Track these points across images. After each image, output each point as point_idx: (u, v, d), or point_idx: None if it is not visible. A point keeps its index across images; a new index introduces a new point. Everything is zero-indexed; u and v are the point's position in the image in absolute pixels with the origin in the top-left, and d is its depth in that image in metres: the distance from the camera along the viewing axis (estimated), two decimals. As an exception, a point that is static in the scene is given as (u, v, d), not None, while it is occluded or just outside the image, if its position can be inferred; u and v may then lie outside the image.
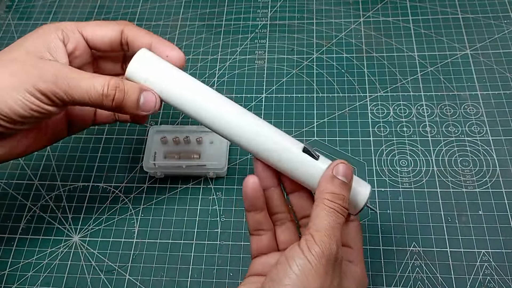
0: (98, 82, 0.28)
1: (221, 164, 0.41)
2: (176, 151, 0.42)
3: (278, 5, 0.55)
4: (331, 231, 0.25)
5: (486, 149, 0.42)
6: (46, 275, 0.39)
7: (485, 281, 0.36)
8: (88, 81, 0.28)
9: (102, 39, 0.31)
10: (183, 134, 0.42)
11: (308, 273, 0.24)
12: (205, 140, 0.42)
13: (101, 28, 0.31)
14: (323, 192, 0.27)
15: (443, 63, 0.48)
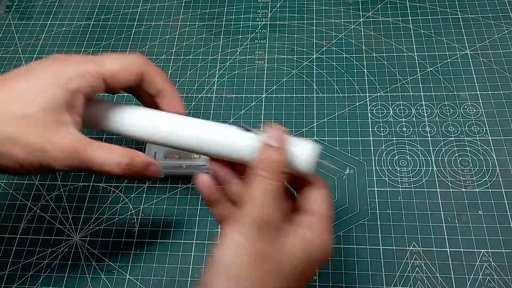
0: (110, 162, 0.29)
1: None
2: (176, 151, 0.42)
3: (278, 5, 0.55)
4: (261, 199, 0.25)
5: (485, 149, 0.42)
6: (47, 275, 0.39)
7: (484, 281, 0.36)
8: (98, 165, 0.29)
9: (122, 84, 0.31)
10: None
11: (239, 243, 0.24)
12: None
13: (124, 72, 0.31)
14: (254, 162, 0.27)
15: (443, 63, 0.48)
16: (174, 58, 0.51)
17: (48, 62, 0.29)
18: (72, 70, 0.29)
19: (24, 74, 0.29)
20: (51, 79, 0.28)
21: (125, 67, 0.31)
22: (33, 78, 0.28)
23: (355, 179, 0.41)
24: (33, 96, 0.28)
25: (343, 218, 0.39)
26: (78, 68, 0.29)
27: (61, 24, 0.56)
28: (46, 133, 0.28)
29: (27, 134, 0.27)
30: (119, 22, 0.56)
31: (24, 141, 0.27)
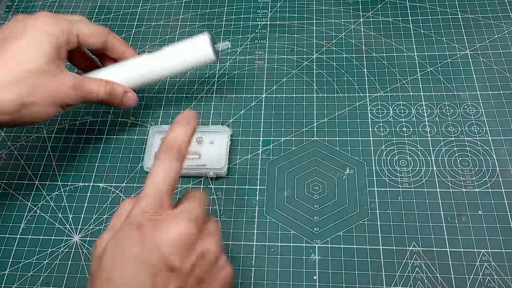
0: (102, 91, 0.39)
1: (221, 164, 0.41)
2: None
3: (278, 5, 0.55)
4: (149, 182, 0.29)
5: (485, 149, 0.42)
6: (47, 275, 0.39)
7: (485, 281, 0.36)
8: (95, 93, 0.39)
9: (89, 45, 0.40)
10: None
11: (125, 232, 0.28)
12: (205, 140, 0.42)
13: (92, 37, 0.39)
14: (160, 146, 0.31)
15: (443, 63, 0.48)
16: (174, 58, 0.51)
17: (38, 21, 0.36)
18: (58, 29, 0.37)
19: (18, 35, 0.35)
20: (42, 38, 0.36)
21: (94, 32, 0.39)
22: (29, 39, 0.35)
23: (355, 179, 0.41)
24: (35, 53, 0.35)
25: (343, 218, 0.39)
26: (60, 26, 0.37)
27: (61, 24, 0.56)
28: (56, 78, 0.36)
29: (43, 83, 0.35)
30: (119, 22, 0.56)
31: (43, 88, 0.35)
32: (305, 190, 0.41)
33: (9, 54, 0.34)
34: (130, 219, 0.28)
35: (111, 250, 0.27)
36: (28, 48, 0.35)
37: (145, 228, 0.27)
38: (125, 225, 0.28)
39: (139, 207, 0.28)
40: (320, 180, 0.42)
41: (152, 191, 0.29)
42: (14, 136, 0.47)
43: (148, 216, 0.28)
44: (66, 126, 0.47)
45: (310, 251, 0.38)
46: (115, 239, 0.27)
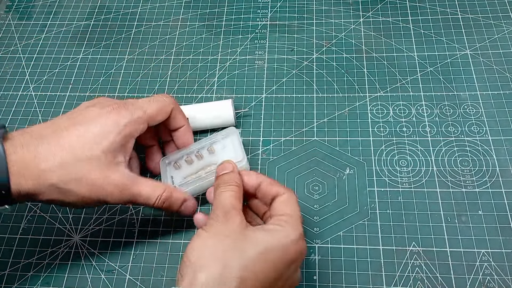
0: (151, 199, 0.35)
1: (239, 158, 0.40)
2: (194, 170, 0.41)
3: (278, 5, 0.55)
4: (218, 204, 0.31)
5: (485, 149, 0.42)
6: (47, 275, 0.39)
7: (485, 281, 0.36)
8: (144, 198, 0.35)
9: (157, 122, 0.38)
10: (193, 151, 0.41)
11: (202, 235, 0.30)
12: (217, 148, 0.41)
13: (160, 114, 0.37)
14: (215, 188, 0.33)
15: (443, 63, 0.48)
16: (174, 58, 0.51)
17: (113, 112, 0.35)
18: (126, 118, 0.35)
19: (87, 121, 0.34)
20: (110, 127, 0.34)
21: (160, 110, 0.37)
22: (96, 125, 0.34)
23: (355, 179, 0.41)
24: (96, 141, 0.33)
25: (343, 218, 0.39)
26: (130, 117, 0.35)
27: (61, 24, 0.56)
28: (105, 172, 0.33)
29: (91, 174, 0.33)
30: (119, 22, 0.56)
31: (88, 180, 0.33)
32: (305, 190, 0.41)
33: (72, 137, 0.33)
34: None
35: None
36: (93, 135, 0.33)
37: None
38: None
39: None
40: (320, 180, 0.42)
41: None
42: (14, 136, 0.47)
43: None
44: (66, 126, 0.47)
45: (310, 251, 0.38)
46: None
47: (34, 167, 0.31)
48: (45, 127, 0.34)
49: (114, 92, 0.49)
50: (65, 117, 0.35)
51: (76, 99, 0.49)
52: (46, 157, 0.32)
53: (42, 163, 0.31)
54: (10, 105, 0.49)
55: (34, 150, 0.32)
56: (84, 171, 0.32)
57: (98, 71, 0.51)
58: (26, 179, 0.31)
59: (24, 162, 0.31)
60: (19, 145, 0.32)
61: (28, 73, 0.52)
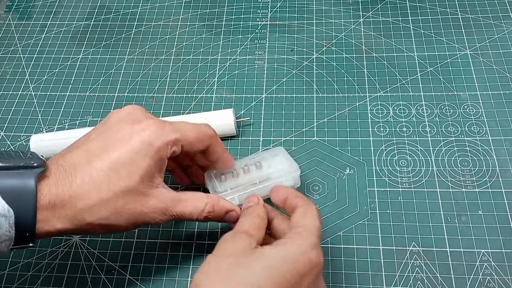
0: (194, 215, 0.33)
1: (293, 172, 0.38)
2: (240, 183, 0.39)
3: (278, 5, 0.55)
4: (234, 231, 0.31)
5: (485, 149, 0.42)
6: (46, 274, 0.39)
7: (485, 281, 0.36)
8: (187, 215, 0.33)
9: (194, 151, 0.35)
10: (239, 166, 0.39)
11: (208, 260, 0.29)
12: (264, 164, 0.39)
13: (198, 143, 0.34)
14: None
15: (443, 63, 0.48)
16: (174, 58, 0.51)
17: (145, 131, 0.32)
18: (160, 140, 0.32)
19: (119, 143, 0.31)
20: (144, 151, 0.31)
21: (199, 138, 0.34)
22: (129, 149, 0.31)
23: (355, 179, 0.41)
24: (131, 170, 0.31)
25: (343, 218, 0.39)
26: (165, 138, 0.32)
27: (61, 24, 0.56)
28: (143, 200, 0.31)
29: (129, 205, 0.31)
30: (119, 22, 0.56)
31: (127, 211, 0.31)
32: (305, 190, 0.41)
33: (105, 168, 0.30)
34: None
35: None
36: (125, 164, 0.31)
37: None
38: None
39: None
40: (320, 180, 0.42)
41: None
42: (13, 135, 0.47)
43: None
44: (66, 126, 0.47)
45: (310, 251, 0.38)
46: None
47: (69, 207, 0.29)
48: (78, 155, 0.31)
49: (114, 92, 0.49)
50: (96, 137, 0.32)
51: (76, 99, 0.49)
52: (81, 196, 0.30)
53: (77, 203, 0.30)
54: (10, 105, 0.49)
55: (69, 189, 0.30)
56: (121, 203, 0.31)
57: (98, 71, 0.51)
58: (61, 219, 0.30)
59: (58, 204, 0.29)
60: (53, 184, 0.29)
61: (28, 73, 0.52)
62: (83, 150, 0.31)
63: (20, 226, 0.28)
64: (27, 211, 0.28)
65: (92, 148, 0.31)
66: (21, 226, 0.28)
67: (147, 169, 0.31)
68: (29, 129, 0.47)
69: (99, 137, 0.32)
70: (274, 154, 0.40)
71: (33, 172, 0.29)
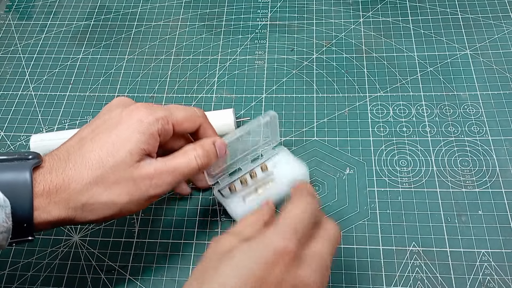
0: (192, 164, 0.33)
1: (302, 172, 0.40)
2: (250, 190, 0.39)
3: (278, 5, 0.55)
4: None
5: (485, 149, 0.42)
6: (46, 274, 0.39)
7: (485, 281, 0.36)
8: (184, 166, 0.33)
9: (184, 131, 0.36)
10: (245, 172, 0.40)
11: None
12: (269, 165, 0.40)
13: (188, 122, 0.35)
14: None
15: (443, 63, 0.48)
16: (174, 58, 0.51)
17: (132, 112, 0.33)
18: (150, 116, 0.33)
19: (110, 127, 0.32)
20: (133, 126, 0.32)
21: (189, 118, 0.35)
22: (120, 130, 0.32)
23: (355, 179, 0.41)
24: (120, 145, 0.31)
25: (343, 218, 0.39)
26: (155, 115, 0.33)
27: (61, 24, 0.56)
28: (135, 171, 0.31)
29: (121, 179, 0.31)
30: (119, 22, 0.56)
31: (119, 186, 0.31)
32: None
33: (96, 149, 0.31)
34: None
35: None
36: (114, 143, 0.31)
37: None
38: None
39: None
40: (320, 180, 0.42)
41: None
42: (13, 135, 0.47)
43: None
44: (66, 126, 0.47)
45: (310, 251, 0.38)
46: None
47: (63, 190, 0.30)
48: (72, 144, 0.32)
49: (114, 92, 0.49)
50: (88, 126, 0.33)
51: (76, 99, 0.49)
52: (74, 178, 0.30)
53: (70, 185, 0.30)
54: (10, 105, 0.49)
55: (62, 173, 0.30)
56: (113, 179, 0.31)
57: (98, 71, 0.51)
58: (57, 205, 0.30)
59: (53, 189, 0.30)
60: (47, 171, 0.30)
61: (28, 73, 0.52)
62: (76, 138, 0.33)
63: (17, 216, 0.28)
64: (23, 200, 0.29)
65: (84, 134, 0.33)
66: (18, 216, 0.28)
67: (137, 143, 0.31)
68: (29, 129, 0.47)
69: (91, 125, 0.33)
70: (274, 153, 0.40)
71: (28, 164, 0.30)
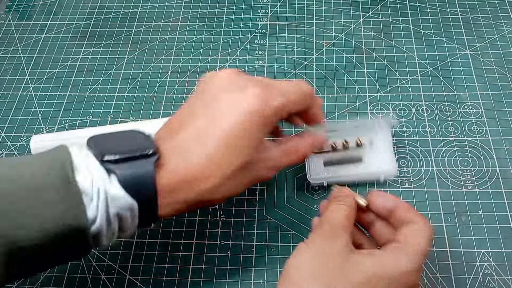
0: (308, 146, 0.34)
1: (390, 167, 0.39)
2: (335, 158, 0.39)
3: (278, 5, 0.55)
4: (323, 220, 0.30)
5: (485, 149, 0.42)
6: (46, 274, 0.39)
7: (485, 281, 0.36)
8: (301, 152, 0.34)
9: (295, 112, 0.33)
10: (340, 138, 0.39)
11: (304, 251, 0.28)
12: (365, 142, 0.39)
13: (299, 105, 0.33)
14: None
15: (443, 63, 0.48)
16: (174, 58, 0.51)
17: (247, 100, 0.29)
18: (269, 108, 0.30)
19: (226, 118, 0.29)
20: (255, 121, 0.29)
21: (303, 97, 0.32)
22: (239, 121, 0.29)
23: (355, 179, 0.41)
24: (246, 142, 0.29)
25: (343, 218, 0.39)
26: (274, 104, 0.30)
27: (61, 24, 0.56)
28: (258, 165, 0.31)
29: (247, 176, 0.31)
30: (119, 22, 0.56)
31: (245, 182, 0.31)
32: (305, 190, 0.41)
33: (220, 144, 0.29)
34: None
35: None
36: (239, 137, 0.29)
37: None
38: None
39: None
40: (320, 180, 0.42)
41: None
42: (14, 136, 0.47)
43: None
44: (66, 126, 0.47)
45: (310, 251, 0.38)
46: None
47: (188, 190, 0.29)
48: (188, 136, 0.29)
49: (114, 92, 0.49)
50: (201, 113, 0.30)
51: (76, 99, 0.49)
52: (201, 177, 0.29)
53: (200, 185, 0.29)
54: (10, 105, 0.49)
55: (186, 171, 0.28)
56: (241, 177, 0.30)
57: (98, 71, 0.51)
58: (181, 203, 0.29)
59: (177, 186, 0.28)
60: (169, 169, 0.28)
61: (28, 73, 0.52)
62: (192, 130, 0.30)
63: (142, 216, 0.28)
64: (148, 200, 0.28)
65: (200, 126, 0.29)
66: (144, 215, 0.28)
67: (260, 139, 0.30)
68: (30, 130, 0.47)
69: (204, 113, 0.30)
70: (377, 128, 0.40)
71: (149, 162, 0.28)
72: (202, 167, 0.28)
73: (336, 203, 0.31)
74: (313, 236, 0.29)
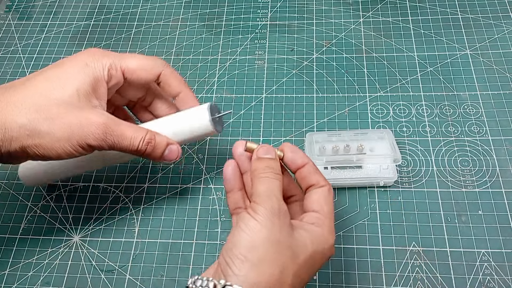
0: (136, 140, 0.33)
1: (389, 173, 0.39)
2: (336, 160, 0.40)
3: (278, 5, 0.55)
4: (268, 192, 0.29)
5: (485, 149, 0.42)
6: (47, 275, 0.39)
7: (485, 281, 0.36)
8: (128, 139, 0.33)
9: (139, 80, 0.35)
10: (342, 142, 0.40)
11: (257, 228, 0.28)
12: (366, 147, 0.40)
13: (142, 70, 0.35)
14: (255, 170, 0.31)
15: (443, 63, 0.48)
16: (174, 58, 0.51)
17: (78, 55, 0.33)
18: (96, 62, 0.33)
19: (58, 64, 0.33)
20: (79, 68, 0.32)
21: (143, 66, 0.35)
22: (66, 67, 0.32)
23: (355, 179, 0.41)
24: (66, 82, 0.32)
25: (343, 218, 0.39)
26: (102, 61, 0.33)
27: (61, 24, 0.56)
28: (82, 112, 0.31)
29: (66, 115, 0.31)
30: (119, 22, 0.56)
31: (63, 120, 0.31)
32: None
33: (41, 81, 0.32)
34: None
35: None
36: (59, 77, 0.32)
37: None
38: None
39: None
40: (320, 180, 0.42)
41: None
42: (14, 136, 0.47)
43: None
44: (66, 126, 0.47)
45: (310, 251, 0.38)
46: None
47: (3, 114, 0.30)
48: (18, 80, 0.33)
49: (114, 92, 0.49)
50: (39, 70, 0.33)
51: (76, 99, 0.49)
52: (15, 103, 0.30)
53: (12, 108, 0.30)
54: (10, 105, 0.49)
55: (4, 99, 0.30)
56: (56, 112, 0.31)
57: (98, 71, 0.51)
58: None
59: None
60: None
61: (28, 73, 0.52)
62: (24, 77, 0.33)
63: None
64: None
65: (32, 74, 0.33)
66: None
67: (82, 84, 0.32)
68: (29, 129, 0.47)
69: (41, 69, 0.33)
70: (379, 137, 0.40)
71: None
72: (16, 94, 0.31)
73: (271, 173, 0.31)
74: (262, 211, 0.28)
